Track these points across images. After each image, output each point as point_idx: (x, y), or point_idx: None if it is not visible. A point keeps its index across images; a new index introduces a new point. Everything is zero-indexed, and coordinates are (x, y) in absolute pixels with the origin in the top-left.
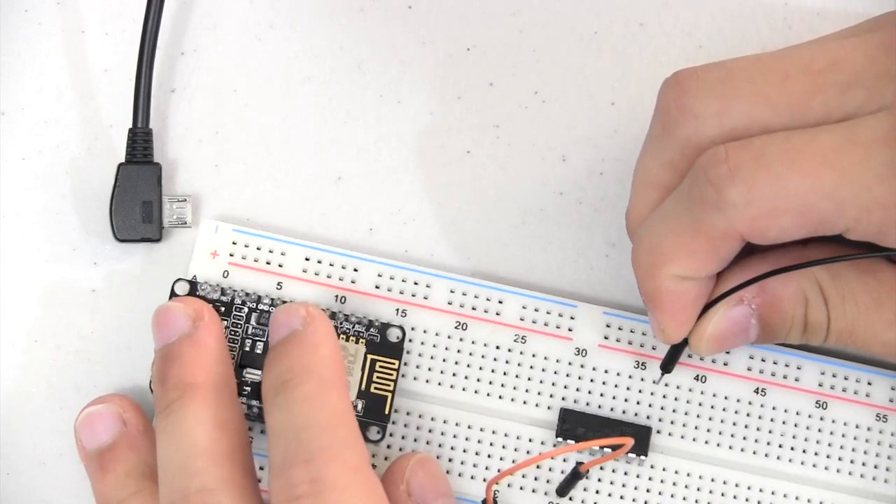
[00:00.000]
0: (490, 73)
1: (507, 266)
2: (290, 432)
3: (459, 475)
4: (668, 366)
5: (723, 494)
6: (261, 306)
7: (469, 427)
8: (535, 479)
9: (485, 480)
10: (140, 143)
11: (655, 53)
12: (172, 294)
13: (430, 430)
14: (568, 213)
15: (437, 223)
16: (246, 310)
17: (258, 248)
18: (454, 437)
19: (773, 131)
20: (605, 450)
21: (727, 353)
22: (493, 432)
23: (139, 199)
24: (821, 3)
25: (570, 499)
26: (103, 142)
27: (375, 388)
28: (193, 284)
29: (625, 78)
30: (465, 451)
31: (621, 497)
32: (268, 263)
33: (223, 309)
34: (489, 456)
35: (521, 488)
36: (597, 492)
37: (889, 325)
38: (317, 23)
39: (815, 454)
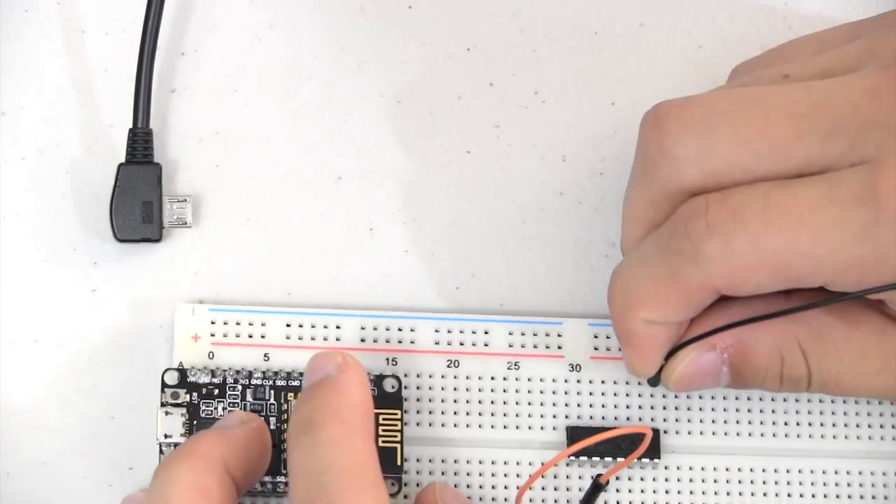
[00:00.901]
0: (490, 73)
1: (507, 267)
2: (313, 474)
3: None
4: (653, 381)
5: (740, 482)
6: (253, 381)
7: (480, 462)
8: (555, 501)
9: None
10: (140, 144)
11: (655, 53)
12: (164, 385)
13: (443, 473)
14: (568, 213)
15: (437, 223)
16: (239, 388)
17: (238, 324)
18: (468, 475)
19: (755, 175)
20: (619, 459)
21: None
22: (506, 463)
23: (139, 199)
24: (821, 3)
25: None
26: (103, 142)
27: (384, 442)
28: (182, 371)
29: (625, 78)
30: (480, 486)
31: (642, 503)
32: (250, 337)
33: (216, 391)
34: (506, 487)
35: None
36: (617, 503)
37: (877, 374)
38: (317, 23)
39: (821, 425)
